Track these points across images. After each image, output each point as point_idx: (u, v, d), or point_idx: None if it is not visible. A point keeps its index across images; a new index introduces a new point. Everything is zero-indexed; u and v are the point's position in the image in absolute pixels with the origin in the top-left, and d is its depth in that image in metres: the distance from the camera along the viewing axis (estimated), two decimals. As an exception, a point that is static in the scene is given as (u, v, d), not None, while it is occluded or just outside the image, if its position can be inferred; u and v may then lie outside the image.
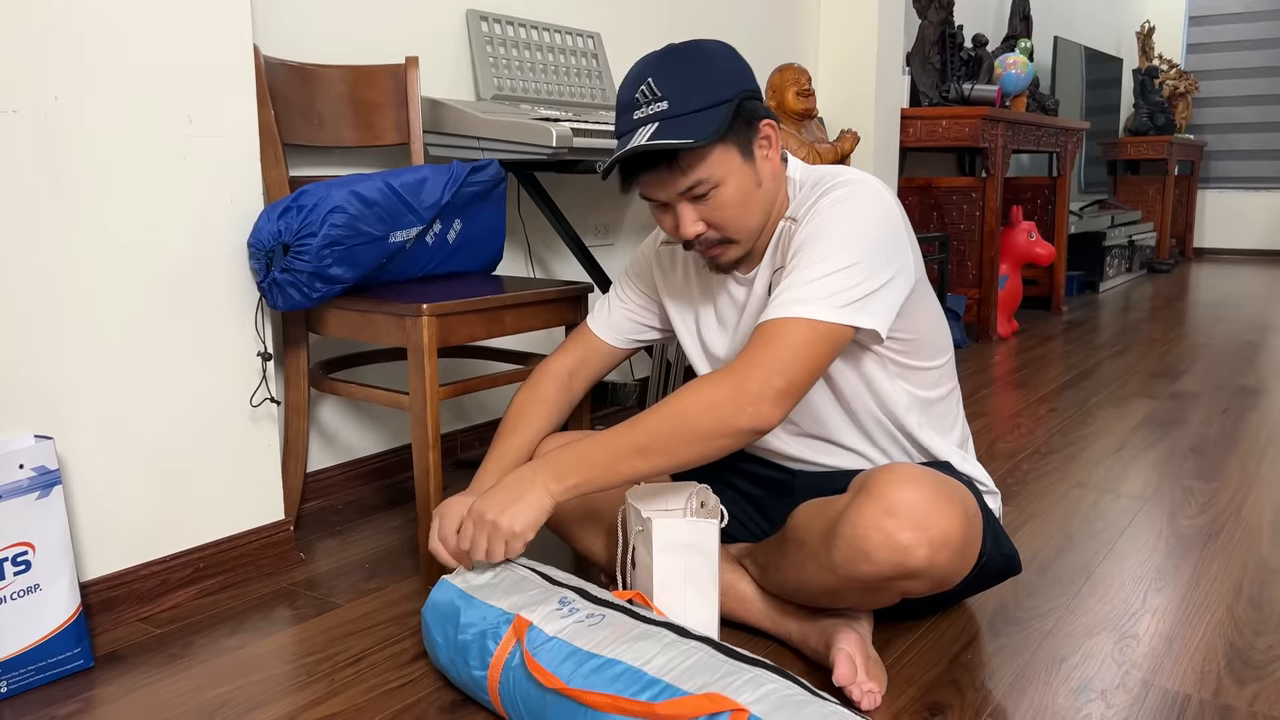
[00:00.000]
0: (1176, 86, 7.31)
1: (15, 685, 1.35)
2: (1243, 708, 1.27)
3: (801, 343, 1.21)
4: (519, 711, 1.17)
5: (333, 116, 2.01)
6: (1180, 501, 2.06)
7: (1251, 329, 4.24)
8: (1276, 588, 1.63)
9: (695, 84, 1.25)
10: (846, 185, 1.30)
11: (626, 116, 1.28)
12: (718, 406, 1.20)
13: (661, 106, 1.25)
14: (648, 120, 1.25)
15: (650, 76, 1.26)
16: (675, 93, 1.25)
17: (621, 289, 1.60)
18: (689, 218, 1.31)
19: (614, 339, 1.59)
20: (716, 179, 1.27)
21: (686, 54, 1.28)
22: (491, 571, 1.33)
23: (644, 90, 1.26)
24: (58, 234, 1.44)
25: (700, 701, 1.00)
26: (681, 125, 1.24)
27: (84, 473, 1.50)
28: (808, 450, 1.46)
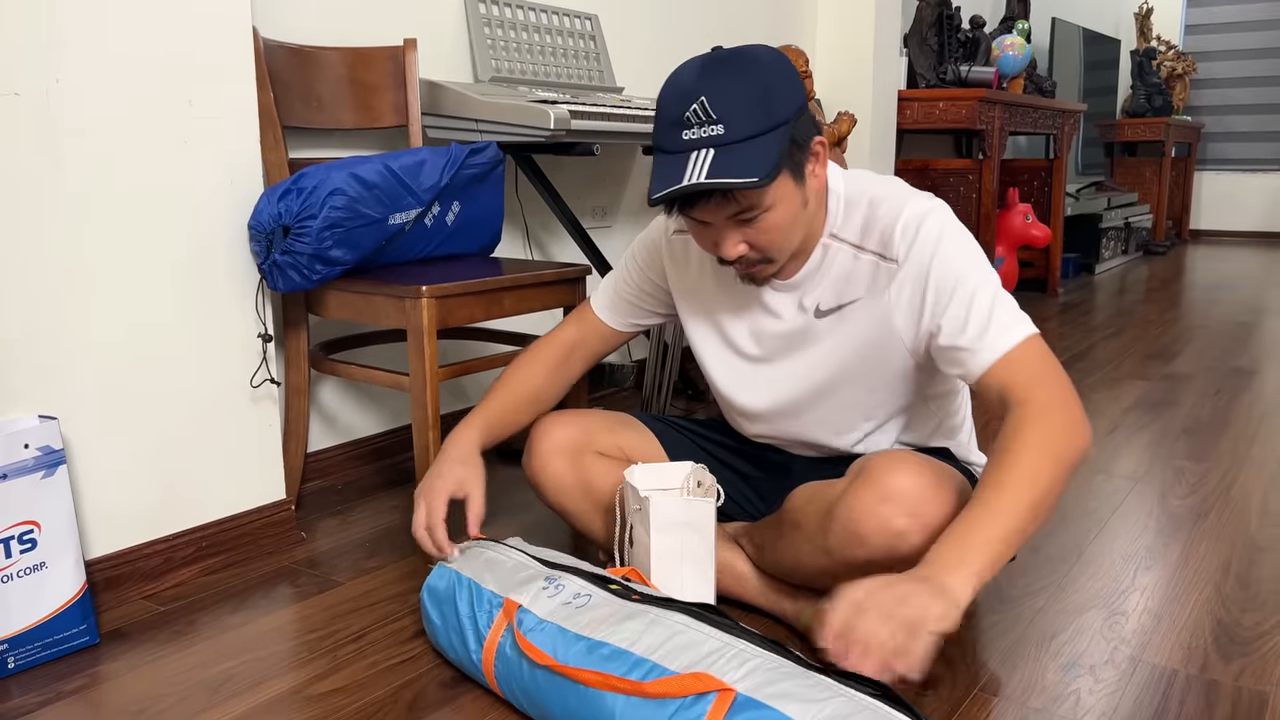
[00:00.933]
0: (1174, 68, 7.31)
1: (22, 661, 1.37)
2: (1228, 682, 1.30)
3: (1050, 355, 1.23)
4: (513, 690, 1.20)
5: (331, 99, 2.01)
6: (1171, 482, 2.09)
7: (1246, 311, 4.26)
8: (1264, 566, 1.66)
9: (751, 107, 1.17)
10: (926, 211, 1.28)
11: (674, 134, 1.19)
12: (1073, 440, 1.16)
13: (716, 131, 1.17)
14: (701, 145, 1.17)
15: (703, 95, 1.17)
16: (731, 116, 1.16)
17: (626, 272, 1.56)
18: (732, 240, 1.25)
19: (616, 322, 1.58)
20: (768, 204, 1.22)
21: (739, 68, 1.18)
22: (485, 556, 1.35)
23: (696, 111, 1.17)
24: (60, 216, 1.45)
25: (688, 680, 1.02)
26: (740, 156, 1.16)
27: (88, 453, 1.52)
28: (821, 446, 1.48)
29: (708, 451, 1.59)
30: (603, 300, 1.58)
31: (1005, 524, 1.09)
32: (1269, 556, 1.69)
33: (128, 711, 1.26)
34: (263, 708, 1.26)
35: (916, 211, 1.28)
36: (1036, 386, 1.18)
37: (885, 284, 1.30)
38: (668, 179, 1.18)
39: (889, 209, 1.30)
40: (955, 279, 1.24)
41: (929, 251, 1.26)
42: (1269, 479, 2.09)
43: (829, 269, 1.34)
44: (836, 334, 1.36)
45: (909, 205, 1.29)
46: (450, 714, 1.24)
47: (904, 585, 1.05)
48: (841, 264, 1.34)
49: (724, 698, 1.00)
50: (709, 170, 1.16)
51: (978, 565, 1.07)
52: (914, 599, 1.02)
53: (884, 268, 1.30)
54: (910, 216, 1.28)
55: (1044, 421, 1.15)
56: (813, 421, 1.44)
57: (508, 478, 2.16)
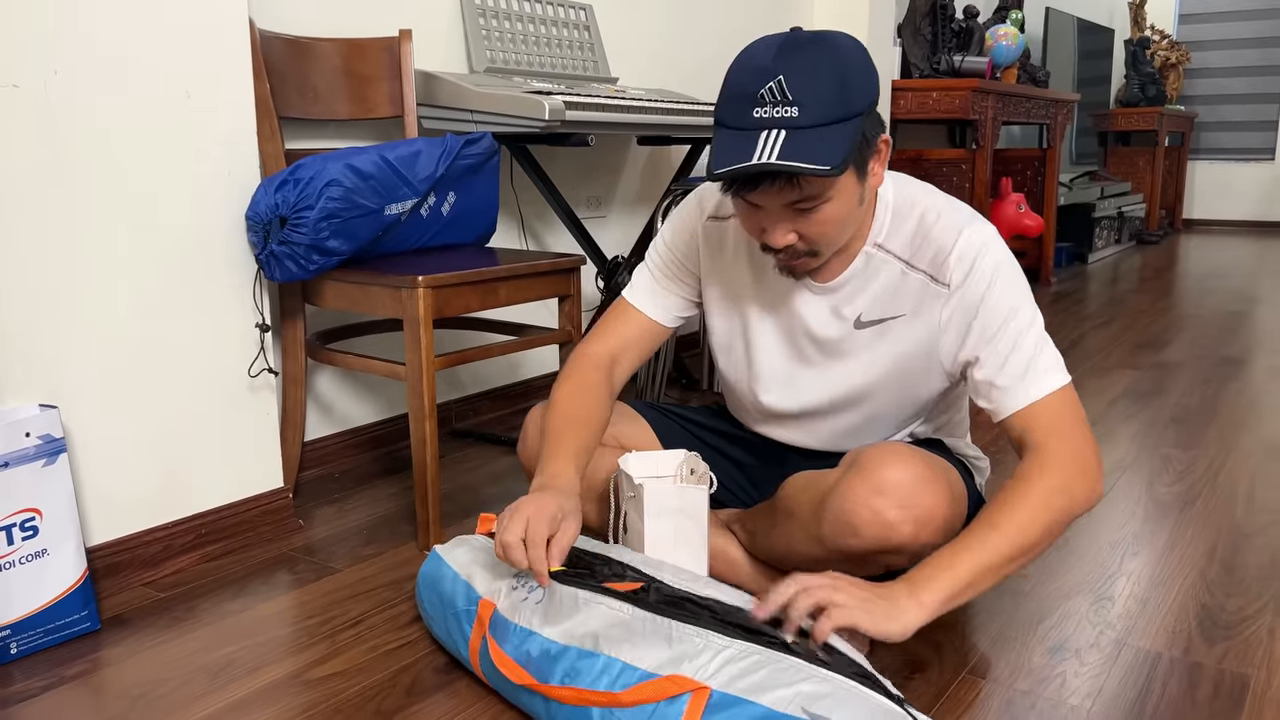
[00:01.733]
0: (1168, 57, 7.32)
1: (25, 646, 1.39)
2: (1211, 665, 1.32)
3: (1078, 409, 1.25)
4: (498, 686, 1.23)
5: (327, 90, 2.03)
6: (1159, 469, 2.11)
7: (1238, 300, 4.29)
8: (1249, 552, 1.68)
9: (828, 93, 1.13)
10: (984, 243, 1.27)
11: (744, 110, 1.15)
12: (1074, 496, 1.19)
13: (790, 113, 1.12)
14: (773, 125, 1.13)
15: (781, 74, 1.13)
16: (807, 100, 1.12)
17: (659, 258, 1.49)
18: (783, 228, 1.22)
19: (664, 316, 1.49)
20: (828, 196, 1.19)
21: (820, 52, 1.14)
22: (474, 545, 1.37)
23: (772, 89, 1.13)
24: (59, 207, 1.46)
25: (663, 684, 1.03)
26: (811, 142, 1.12)
27: (88, 441, 1.54)
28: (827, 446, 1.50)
29: (701, 439, 1.61)
30: (644, 295, 1.49)
31: (984, 562, 1.14)
32: (1254, 542, 1.72)
33: (129, 696, 1.28)
34: (263, 691, 1.28)
35: (975, 240, 1.27)
36: (1056, 437, 1.22)
37: (934, 306, 1.30)
38: (733, 155, 1.14)
39: (944, 230, 1.29)
40: (1005, 315, 1.25)
41: (984, 283, 1.26)
42: (1255, 466, 2.12)
43: (872, 279, 1.33)
44: (875, 348, 1.36)
45: (967, 230, 1.28)
46: (446, 698, 1.26)
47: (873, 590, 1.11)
48: (888, 277, 1.32)
49: (699, 696, 1.01)
50: (780, 152, 1.12)
51: (944, 595, 1.12)
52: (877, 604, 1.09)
53: (934, 290, 1.30)
54: (968, 244, 1.27)
55: (1054, 473, 1.19)
56: (832, 429, 1.46)
57: (505, 466, 2.18)
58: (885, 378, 1.37)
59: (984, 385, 1.27)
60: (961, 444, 1.53)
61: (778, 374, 1.44)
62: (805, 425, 1.47)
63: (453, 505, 1.95)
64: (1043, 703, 1.24)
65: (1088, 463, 1.21)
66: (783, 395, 1.45)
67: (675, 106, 2.43)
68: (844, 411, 1.43)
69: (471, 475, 2.12)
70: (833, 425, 1.45)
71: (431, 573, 1.37)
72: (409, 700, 1.26)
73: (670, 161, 3.16)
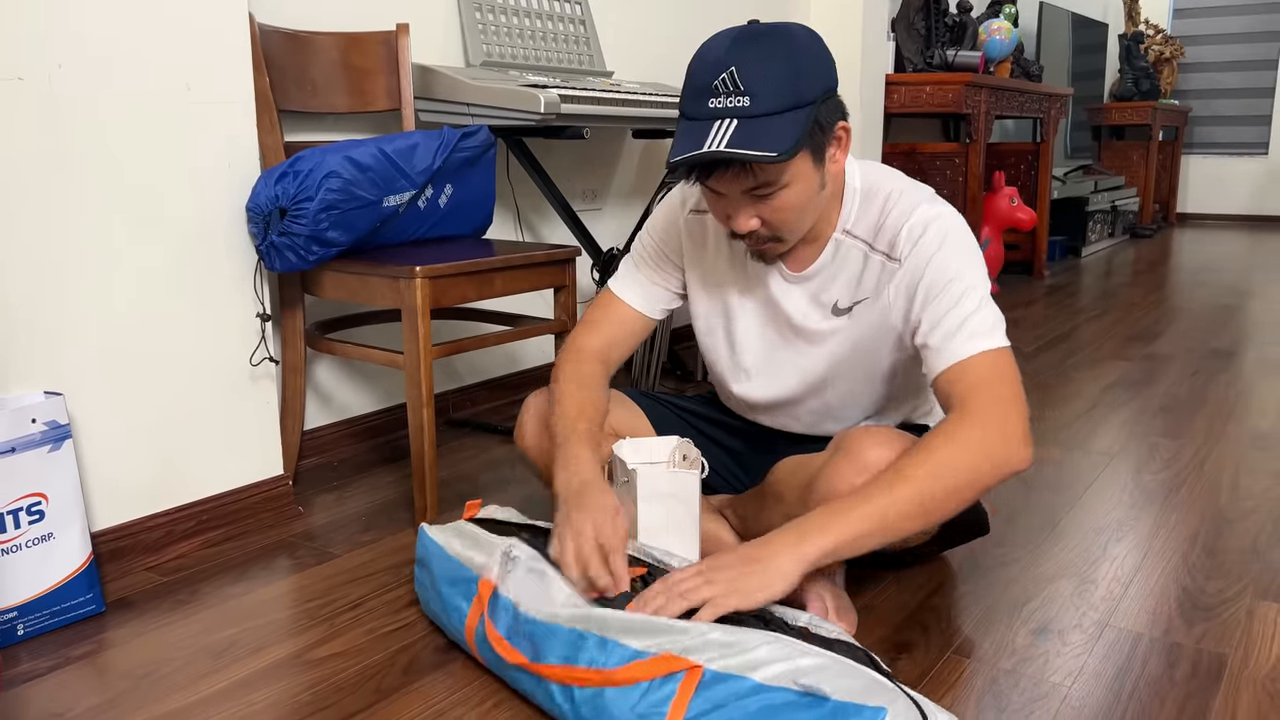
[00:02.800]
0: (1162, 51, 7.35)
1: (31, 628, 1.42)
2: (1190, 645, 1.36)
3: (1010, 371, 1.23)
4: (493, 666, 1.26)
5: (326, 83, 2.05)
6: (1146, 457, 2.15)
7: (1229, 294, 4.33)
8: (1231, 537, 1.72)
9: (780, 83, 1.18)
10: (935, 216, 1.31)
11: (700, 103, 1.20)
12: (991, 454, 1.18)
13: (742, 103, 1.17)
14: (725, 115, 1.18)
15: (733, 66, 1.17)
16: (758, 89, 1.17)
17: (646, 254, 1.52)
18: (745, 214, 1.26)
19: (648, 308, 1.52)
20: (785, 181, 1.23)
21: (773, 43, 1.19)
22: (471, 530, 1.39)
23: (725, 80, 1.18)
24: (63, 199, 1.49)
25: (655, 664, 1.06)
26: (762, 130, 1.17)
27: (92, 428, 1.56)
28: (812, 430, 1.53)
29: (693, 426, 1.64)
30: (630, 288, 1.53)
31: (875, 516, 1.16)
32: (1236, 528, 1.75)
33: (134, 675, 1.31)
34: (265, 671, 1.31)
35: (925, 215, 1.31)
36: (979, 397, 1.20)
37: (887, 283, 1.34)
38: (688, 145, 1.19)
39: (900, 211, 1.33)
40: (946, 281, 1.27)
41: (929, 253, 1.29)
42: (1241, 455, 2.15)
43: (843, 266, 1.37)
44: (845, 332, 1.40)
45: (920, 209, 1.32)
46: (444, 677, 1.29)
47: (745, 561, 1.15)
48: (855, 262, 1.37)
49: (691, 675, 1.04)
50: (730, 140, 1.16)
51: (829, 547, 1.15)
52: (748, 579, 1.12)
53: (888, 268, 1.34)
54: (919, 220, 1.31)
55: (971, 434, 1.18)
56: (809, 411, 1.50)
57: (502, 455, 2.21)
58: (850, 359, 1.41)
59: (921, 349, 1.29)
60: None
61: (760, 362, 1.48)
62: (786, 410, 1.51)
63: (450, 493, 1.98)
64: (1025, 681, 1.27)
65: (1011, 427, 1.19)
66: (764, 384, 1.49)
67: (670, 100, 2.45)
68: (817, 394, 1.47)
69: (468, 464, 2.15)
70: (809, 408, 1.49)
71: (428, 552, 1.39)
72: (407, 680, 1.29)
73: (664, 154, 3.19)
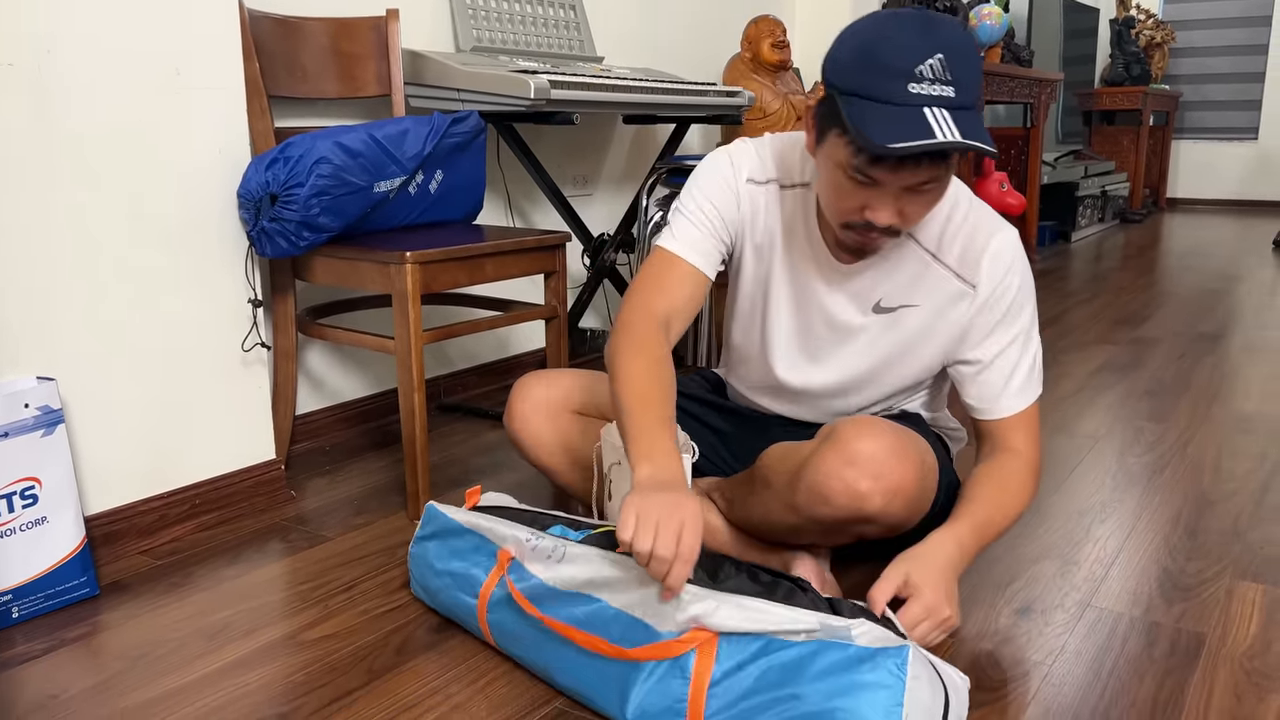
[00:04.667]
0: (1153, 36, 7.36)
1: (26, 611, 1.43)
2: (1169, 624, 1.38)
3: (1038, 416, 1.43)
4: (505, 638, 1.27)
5: (316, 68, 2.05)
6: (1131, 440, 2.17)
7: (1217, 278, 4.35)
8: (1212, 518, 1.74)
9: (976, 77, 1.14)
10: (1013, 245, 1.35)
11: (896, 84, 1.11)
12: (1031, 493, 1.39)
13: (948, 93, 1.11)
14: (934, 102, 1.11)
15: (942, 53, 1.11)
16: (963, 81, 1.12)
17: (703, 215, 1.40)
18: (893, 207, 1.20)
19: (708, 267, 1.40)
20: (944, 179, 1.20)
21: (958, 33, 1.14)
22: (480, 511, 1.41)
23: (933, 65, 1.11)
24: (54, 183, 1.50)
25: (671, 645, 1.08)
26: (972, 123, 1.12)
27: (85, 413, 1.58)
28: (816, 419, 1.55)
29: (684, 409, 1.66)
30: (682, 241, 1.39)
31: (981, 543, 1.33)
32: (1217, 509, 1.78)
33: (129, 657, 1.32)
34: (259, 652, 1.33)
35: (1002, 244, 1.35)
36: (1031, 448, 1.40)
37: (957, 304, 1.36)
38: (906, 131, 1.09)
39: (974, 230, 1.34)
40: (1021, 330, 1.38)
41: (1010, 296, 1.36)
42: (1224, 438, 2.18)
43: (897, 265, 1.36)
44: (886, 334, 1.41)
45: (999, 235, 1.35)
46: (436, 656, 1.31)
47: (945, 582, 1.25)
48: (912, 266, 1.36)
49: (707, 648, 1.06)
50: (959, 130, 1.10)
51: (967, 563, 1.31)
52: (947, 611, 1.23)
53: (959, 288, 1.35)
54: (999, 250, 1.34)
55: (1031, 482, 1.39)
56: (829, 405, 1.51)
57: (493, 439, 2.22)
58: (888, 363, 1.43)
59: (984, 389, 1.40)
60: (941, 416, 1.58)
61: (788, 349, 1.47)
62: (806, 401, 1.51)
63: (441, 477, 1.99)
64: (1007, 660, 1.29)
65: (1038, 472, 1.41)
66: (792, 371, 1.48)
67: (660, 85, 2.46)
68: (844, 393, 1.48)
69: (460, 448, 2.17)
70: (830, 403, 1.50)
71: (441, 525, 1.40)
72: (399, 659, 1.31)
73: (655, 140, 3.20)
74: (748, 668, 1.04)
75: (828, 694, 0.99)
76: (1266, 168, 7.51)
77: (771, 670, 1.03)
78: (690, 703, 1.06)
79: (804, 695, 1.00)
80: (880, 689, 0.98)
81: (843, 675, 1.00)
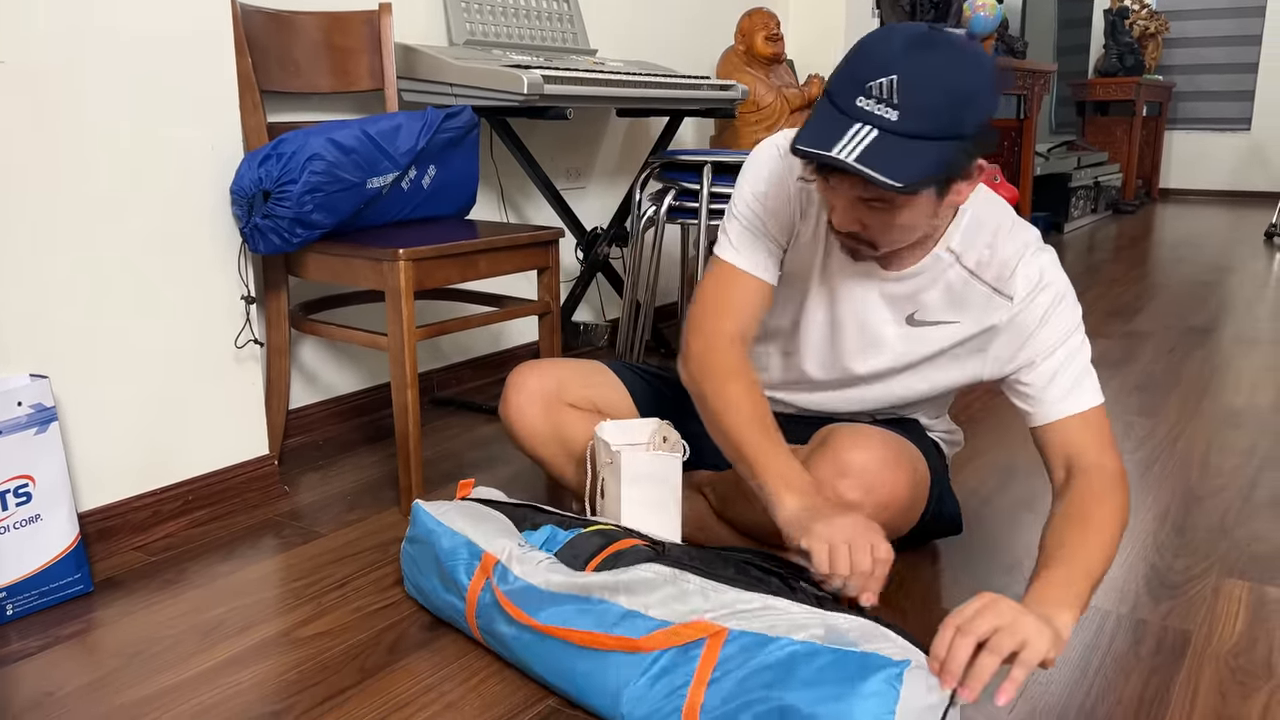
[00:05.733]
0: (1147, 27, 7.35)
1: (20, 608, 1.43)
2: (1156, 622, 1.40)
3: (1108, 424, 1.30)
4: (495, 643, 1.28)
5: (308, 63, 2.05)
6: (1121, 436, 2.18)
7: (1209, 270, 4.36)
8: (1199, 515, 1.76)
9: (937, 106, 1.09)
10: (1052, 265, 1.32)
11: (850, 93, 1.11)
12: (1128, 504, 1.23)
13: (888, 115, 1.08)
14: (869, 120, 1.09)
15: (897, 74, 1.08)
16: (912, 107, 1.08)
17: (757, 219, 1.38)
18: (850, 215, 1.21)
19: (770, 276, 1.39)
20: (900, 204, 1.17)
21: (949, 60, 1.09)
22: (468, 510, 1.42)
23: (883, 84, 1.09)
24: (46, 180, 1.50)
25: (680, 631, 1.09)
26: (898, 150, 1.09)
27: (78, 410, 1.58)
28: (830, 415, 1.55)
29: (676, 403, 1.66)
30: (741, 252, 1.38)
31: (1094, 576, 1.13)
32: (1205, 505, 1.79)
33: (124, 654, 1.33)
34: (253, 649, 1.34)
35: (1042, 263, 1.31)
36: (1108, 455, 1.26)
37: (993, 315, 1.33)
38: (821, 138, 1.11)
39: (1013, 249, 1.32)
40: (1064, 333, 1.30)
41: (1046, 304, 1.30)
42: (1213, 433, 2.19)
43: (937, 280, 1.35)
44: (919, 348, 1.39)
45: (1033, 248, 1.32)
46: (429, 655, 1.32)
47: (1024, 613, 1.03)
48: (952, 282, 1.34)
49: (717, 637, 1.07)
50: (860, 153, 1.09)
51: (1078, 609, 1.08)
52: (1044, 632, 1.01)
53: (998, 301, 1.33)
54: (1036, 267, 1.31)
55: (1123, 494, 1.22)
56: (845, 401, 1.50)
57: (487, 433, 2.23)
58: (914, 373, 1.42)
59: (1033, 389, 1.30)
60: (939, 422, 1.59)
61: (820, 346, 1.45)
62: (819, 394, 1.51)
63: (435, 472, 2.00)
64: (996, 657, 1.30)
65: (1124, 483, 1.24)
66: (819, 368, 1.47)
67: (654, 79, 2.46)
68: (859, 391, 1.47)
69: (453, 442, 2.17)
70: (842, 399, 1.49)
71: (424, 530, 1.40)
72: (392, 658, 1.32)
73: (649, 133, 3.20)
74: (748, 664, 1.05)
75: (817, 699, 1.00)
76: (1259, 158, 7.52)
77: (768, 669, 1.04)
78: (690, 693, 1.06)
79: (795, 698, 1.01)
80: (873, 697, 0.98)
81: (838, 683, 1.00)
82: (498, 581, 1.26)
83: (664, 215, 2.45)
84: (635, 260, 2.55)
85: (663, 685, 1.09)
